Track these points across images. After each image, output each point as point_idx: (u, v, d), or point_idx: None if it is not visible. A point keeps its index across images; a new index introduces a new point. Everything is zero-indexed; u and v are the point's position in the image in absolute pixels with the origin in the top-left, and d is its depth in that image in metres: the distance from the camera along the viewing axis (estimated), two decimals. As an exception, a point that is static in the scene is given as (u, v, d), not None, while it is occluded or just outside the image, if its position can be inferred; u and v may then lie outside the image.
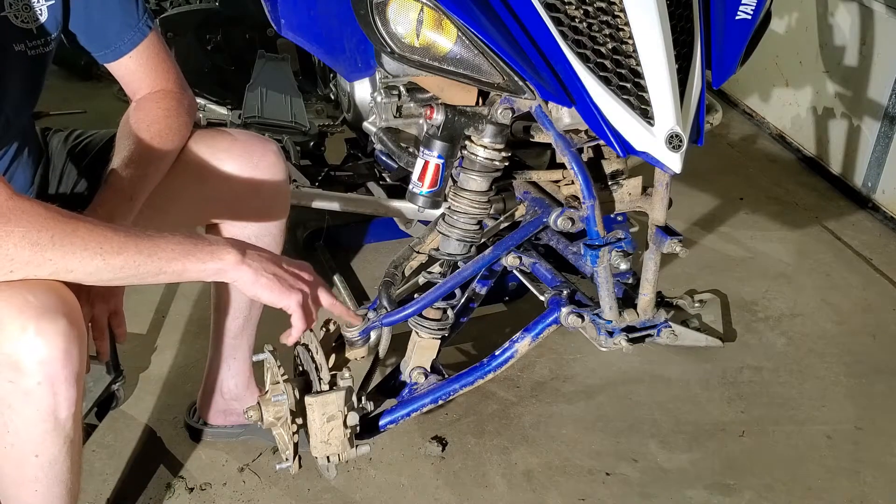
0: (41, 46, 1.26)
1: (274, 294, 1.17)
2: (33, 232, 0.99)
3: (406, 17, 1.21)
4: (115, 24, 1.33)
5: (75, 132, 1.50)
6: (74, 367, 1.06)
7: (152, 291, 2.20)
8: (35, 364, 1.02)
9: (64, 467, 1.14)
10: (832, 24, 2.77)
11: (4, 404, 1.06)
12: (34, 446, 1.10)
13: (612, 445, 1.77)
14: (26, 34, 1.23)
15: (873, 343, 2.08)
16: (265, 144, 1.46)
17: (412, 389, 1.49)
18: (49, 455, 1.11)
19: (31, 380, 1.03)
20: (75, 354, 1.05)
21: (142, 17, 1.35)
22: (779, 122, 3.13)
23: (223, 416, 1.73)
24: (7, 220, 0.98)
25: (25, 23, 1.23)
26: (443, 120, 1.32)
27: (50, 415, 1.07)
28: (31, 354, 1.02)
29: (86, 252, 1.02)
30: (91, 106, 2.93)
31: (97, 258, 1.03)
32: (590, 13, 1.23)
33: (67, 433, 1.11)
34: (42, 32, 1.25)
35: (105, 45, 1.34)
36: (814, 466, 1.73)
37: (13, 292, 1.01)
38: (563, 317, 1.37)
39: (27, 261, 1.00)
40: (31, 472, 1.12)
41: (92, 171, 1.43)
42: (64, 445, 1.12)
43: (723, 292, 2.25)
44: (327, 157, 2.34)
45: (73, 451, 1.14)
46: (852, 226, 2.58)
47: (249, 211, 1.47)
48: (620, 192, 1.46)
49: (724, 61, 1.34)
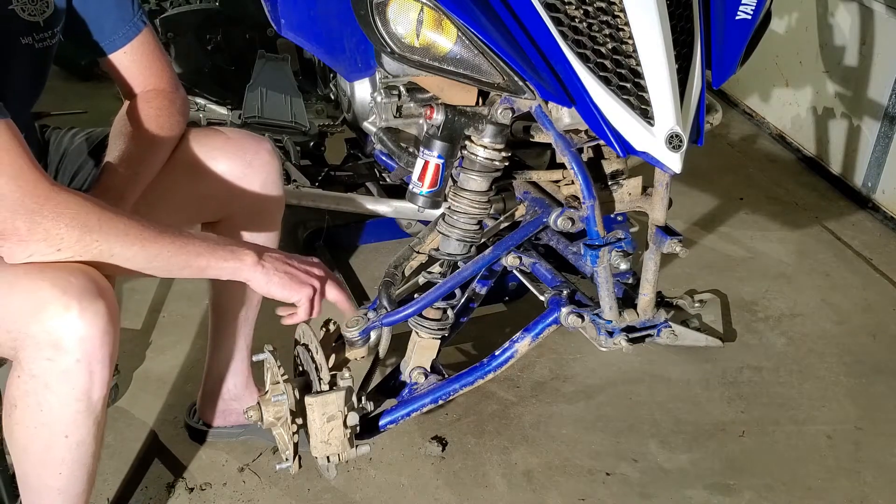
0: (48, 39, 1.27)
1: (286, 290, 1.25)
2: (83, 215, 1.07)
3: (406, 17, 1.21)
4: (111, 17, 1.34)
5: (72, 130, 1.50)
6: (110, 349, 1.10)
7: (152, 291, 2.20)
8: (75, 342, 1.07)
9: (90, 451, 1.18)
10: (832, 24, 2.77)
11: (41, 383, 1.09)
12: (65, 427, 1.13)
13: (612, 445, 1.77)
14: (33, 27, 1.24)
15: (873, 343, 2.08)
16: (258, 143, 1.46)
17: (412, 389, 1.49)
18: (79, 436, 1.15)
19: (70, 357, 1.07)
20: (112, 336, 1.10)
21: (136, 12, 1.36)
22: (779, 122, 3.13)
23: (223, 416, 1.73)
24: (56, 203, 1.06)
25: (32, 16, 1.24)
26: (443, 120, 1.32)
27: (84, 394, 1.11)
28: (72, 333, 1.06)
29: (127, 238, 1.10)
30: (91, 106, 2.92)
31: (136, 244, 1.11)
32: (590, 13, 1.23)
33: (97, 415, 1.15)
34: (48, 25, 1.26)
35: (100, 37, 1.35)
36: (814, 466, 1.73)
37: (57, 273, 1.07)
38: (563, 317, 1.37)
39: (77, 240, 1.07)
40: (59, 453, 1.15)
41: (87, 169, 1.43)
42: (93, 427, 1.16)
43: (723, 292, 2.25)
44: (327, 157, 2.34)
45: (99, 434, 1.18)
46: (852, 226, 2.58)
47: (243, 209, 1.47)
48: (620, 192, 1.46)
49: (724, 61, 1.34)
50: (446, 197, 1.41)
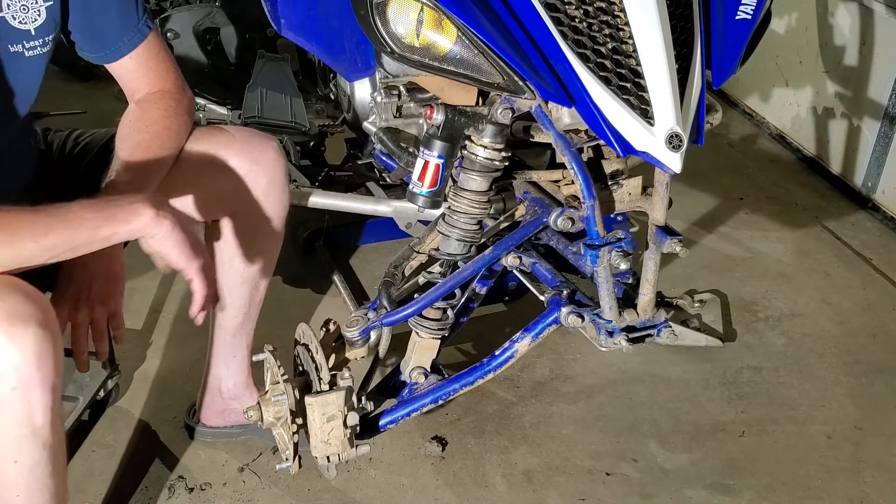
0: (39, 47, 1.26)
1: (182, 255, 1.15)
2: None
3: (406, 17, 1.21)
4: (115, 25, 1.32)
5: (76, 132, 1.50)
6: (48, 372, 1.04)
7: (152, 291, 2.20)
8: (9, 369, 1.01)
9: (45, 472, 1.12)
10: (832, 24, 2.77)
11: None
12: (12, 452, 1.08)
13: (612, 445, 1.77)
14: (24, 35, 1.23)
15: (873, 343, 2.08)
16: (265, 141, 1.46)
17: (412, 389, 1.49)
18: (29, 460, 1.10)
19: (4, 385, 1.02)
20: (49, 359, 1.04)
21: (141, 17, 1.34)
22: (779, 122, 3.13)
23: (222, 416, 1.72)
24: None
25: (23, 24, 1.23)
26: (443, 120, 1.32)
27: (26, 420, 1.06)
28: (3, 360, 1.01)
29: (15, 238, 1.04)
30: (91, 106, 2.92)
31: (29, 242, 1.04)
32: (590, 13, 1.23)
33: (45, 439, 1.09)
34: (40, 33, 1.25)
35: (104, 46, 1.34)
36: (814, 466, 1.73)
37: None
38: (563, 317, 1.37)
39: None
40: (11, 477, 1.11)
41: (93, 171, 1.42)
42: (44, 450, 1.10)
43: (723, 292, 2.25)
44: (327, 157, 2.34)
45: (53, 456, 1.12)
46: (852, 226, 2.58)
47: (249, 207, 1.47)
48: (620, 192, 1.46)
49: (724, 61, 1.35)
50: (446, 197, 1.41)
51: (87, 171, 1.44)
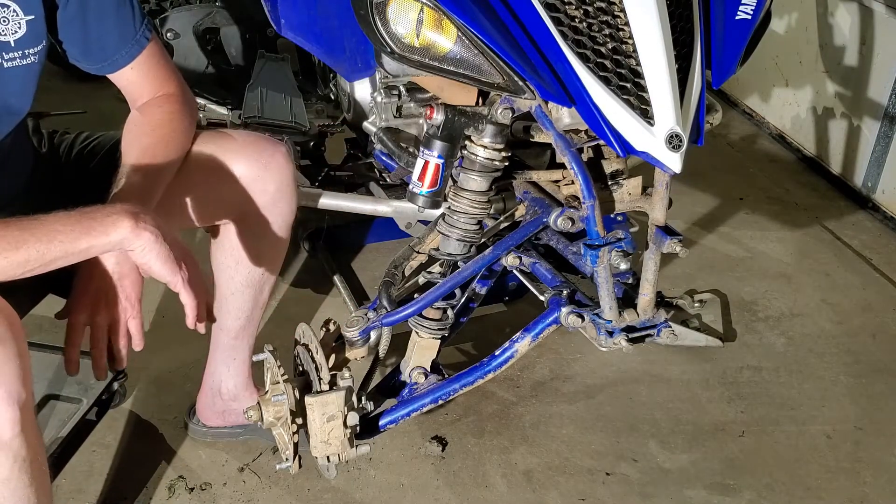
0: (19, 59, 1.23)
1: (166, 268, 1.12)
2: None
3: (406, 17, 1.21)
4: (113, 37, 1.31)
5: (82, 135, 1.49)
6: (11, 387, 1.00)
7: (152, 291, 2.20)
8: None
9: (19, 485, 1.08)
10: (832, 24, 2.77)
11: None
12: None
13: (612, 445, 1.77)
14: (3, 46, 1.21)
15: (873, 343, 2.08)
16: (274, 146, 1.44)
17: (412, 389, 1.49)
18: (1, 475, 1.06)
19: None
20: (10, 373, 1.00)
21: (139, 28, 1.32)
22: (779, 122, 3.13)
23: (223, 416, 1.72)
24: None
25: (3, 35, 1.20)
26: (443, 120, 1.32)
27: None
28: None
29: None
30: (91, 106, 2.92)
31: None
32: (590, 13, 1.23)
33: (16, 452, 1.05)
34: (20, 45, 1.22)
35: (103, 58, 1.33)
36: (814, 466, 1.73)
37: None
38: (563, 317, 1.37)
39: None
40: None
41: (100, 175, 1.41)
42: (14, 464, 1.06)
43: (723, 292, 2.25)
44: (327, 157, 2.34)
45: (28, 468, 1.08)
46: (852, 226, 2.58)
47: (257, 212, 1.46)
48: (620, 192, 1.46)
49: (723, 61, 1.35)
50: (446, 197, 1.41)
51: (94, 175, 1.43)
